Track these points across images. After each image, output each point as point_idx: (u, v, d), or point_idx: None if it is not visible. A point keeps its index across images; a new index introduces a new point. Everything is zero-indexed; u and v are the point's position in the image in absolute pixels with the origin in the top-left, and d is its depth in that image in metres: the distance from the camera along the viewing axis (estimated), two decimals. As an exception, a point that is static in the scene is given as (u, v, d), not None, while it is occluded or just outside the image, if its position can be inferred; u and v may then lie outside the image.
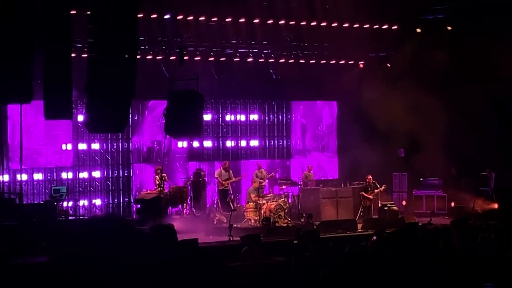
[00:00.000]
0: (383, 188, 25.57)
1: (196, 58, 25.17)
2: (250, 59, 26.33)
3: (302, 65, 27.19)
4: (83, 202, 24.82)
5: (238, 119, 27.94)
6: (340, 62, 27.82)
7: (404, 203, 27.05)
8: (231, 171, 25.37)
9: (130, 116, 24.28)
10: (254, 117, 28.23)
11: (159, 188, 23.46)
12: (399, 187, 27.62)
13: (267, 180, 25.44)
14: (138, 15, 20.48)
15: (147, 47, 24.41)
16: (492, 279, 13.02)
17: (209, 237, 21.57)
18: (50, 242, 17.81)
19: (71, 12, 19.34)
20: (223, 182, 24.97)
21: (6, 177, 23.43)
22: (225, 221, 22.95)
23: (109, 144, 25.62)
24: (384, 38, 27.56)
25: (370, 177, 25.60)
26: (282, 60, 26.86)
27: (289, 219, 23.62)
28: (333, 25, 26.69)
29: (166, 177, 24.02)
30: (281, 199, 23.99)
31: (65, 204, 23.25)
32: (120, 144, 25.78)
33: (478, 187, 26.41)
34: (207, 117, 26.45)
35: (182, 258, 14.48)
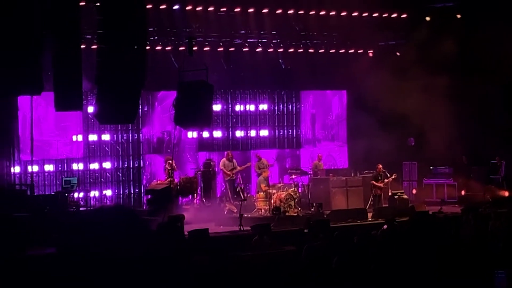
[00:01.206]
0: (393, 177, 25.51)
1: (205, 49, 25.20)
2: (259, 49, 26.33)
3: (311, 54, 27.17)
4: (94, 193, 24.92)
5: (247, 109, 27.93)
6: (349, 51, 27.78)
7: (414, 191, 27.04)
8: (235, 160, 25.35)
9: (140, 107, 24.34)
10: (263, 107, 28.22)
11: (170, 179, 23.52)
12: (409, 175, 27.60)
13: (270, 170, 25.37)
14: (147, 6, 20.53)
15: (156, 38, 24.44)
16: (503, 267, 13.02)
17: (220, 227, 21.62)
18: (61, 233, 17.89)
19: (81, 3, 19.41)
20: (228, 172, 24.96)
21: (17, 169, 23.53)
22: (235, 211, 23.00)
23: (120, 135, 25.68)
24: (394, 26, 27.48)
25: (380, 166, 25.54)
26: (291, 50, 26.86)
27: (299, 208, 23.61)
28: (342, 14, 26.66)
29: (176, 167, 24.08)
30: (291, 189, 23.98)
31: (76, 195, 23.33)
32: (130, 135, 25.85)
33: (488, 175, 26.39)
34: (216, 107, 26.42)
35: (191, 248, 14.53)
